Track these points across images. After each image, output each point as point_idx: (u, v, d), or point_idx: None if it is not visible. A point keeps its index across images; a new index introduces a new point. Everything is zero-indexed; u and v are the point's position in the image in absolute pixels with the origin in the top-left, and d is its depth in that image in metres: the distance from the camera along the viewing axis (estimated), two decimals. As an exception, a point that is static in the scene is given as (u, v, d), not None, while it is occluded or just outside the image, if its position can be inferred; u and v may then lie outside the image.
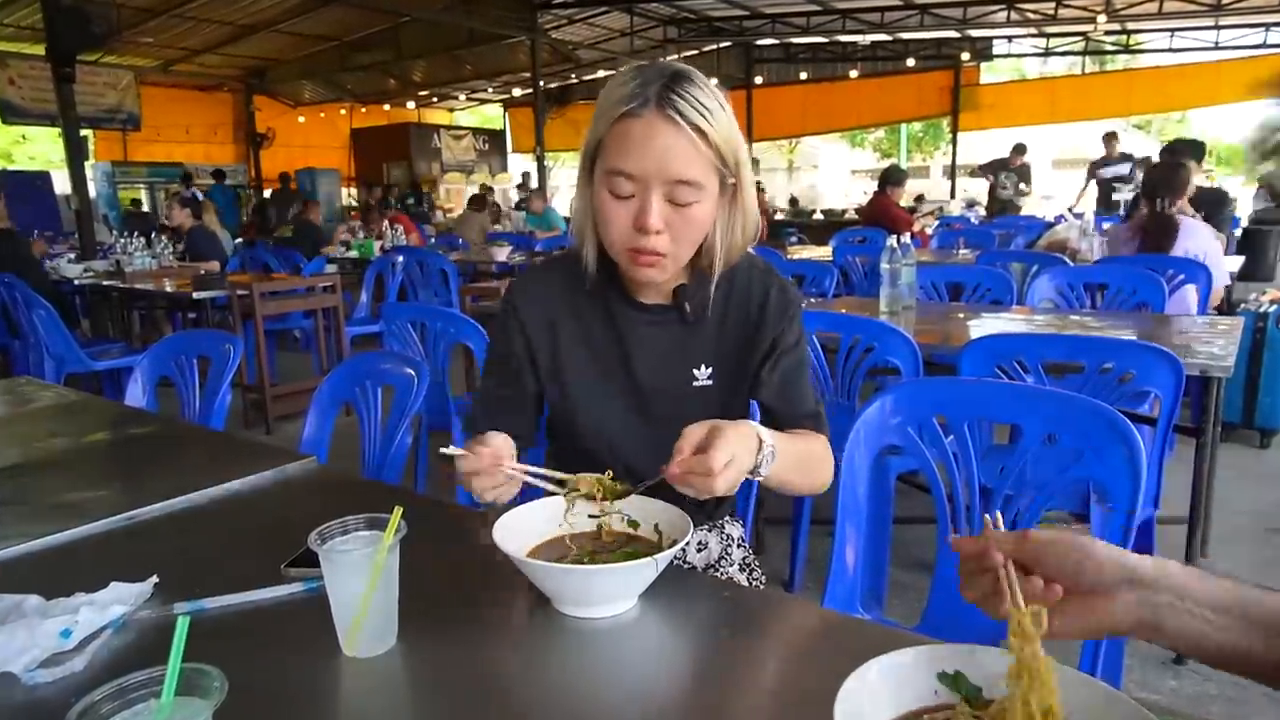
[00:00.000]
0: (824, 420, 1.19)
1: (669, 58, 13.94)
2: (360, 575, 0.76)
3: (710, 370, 1.14)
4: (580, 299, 1.15)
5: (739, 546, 1.25)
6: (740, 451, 0.87)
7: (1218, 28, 11.91)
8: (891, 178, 6.34)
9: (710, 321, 1.14)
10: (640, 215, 1.00)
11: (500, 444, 0.93)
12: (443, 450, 0.94)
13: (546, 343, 1.15)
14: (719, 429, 0.88)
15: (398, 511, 0.79)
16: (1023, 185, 8.53)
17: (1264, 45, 11.84)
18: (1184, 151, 4.19)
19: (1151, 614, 0.57)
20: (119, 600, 0.84)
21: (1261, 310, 3.48)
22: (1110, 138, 8.05)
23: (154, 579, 0.90)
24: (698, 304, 1.12)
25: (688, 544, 1.02)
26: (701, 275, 1.12)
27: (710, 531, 1.22)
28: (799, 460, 1.05)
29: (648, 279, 1.08)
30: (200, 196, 8.78)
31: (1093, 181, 7.98)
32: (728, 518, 1.26)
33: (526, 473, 0.94)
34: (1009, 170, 8.55)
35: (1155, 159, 5.01)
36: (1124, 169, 7.47)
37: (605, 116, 1.02)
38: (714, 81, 1.04)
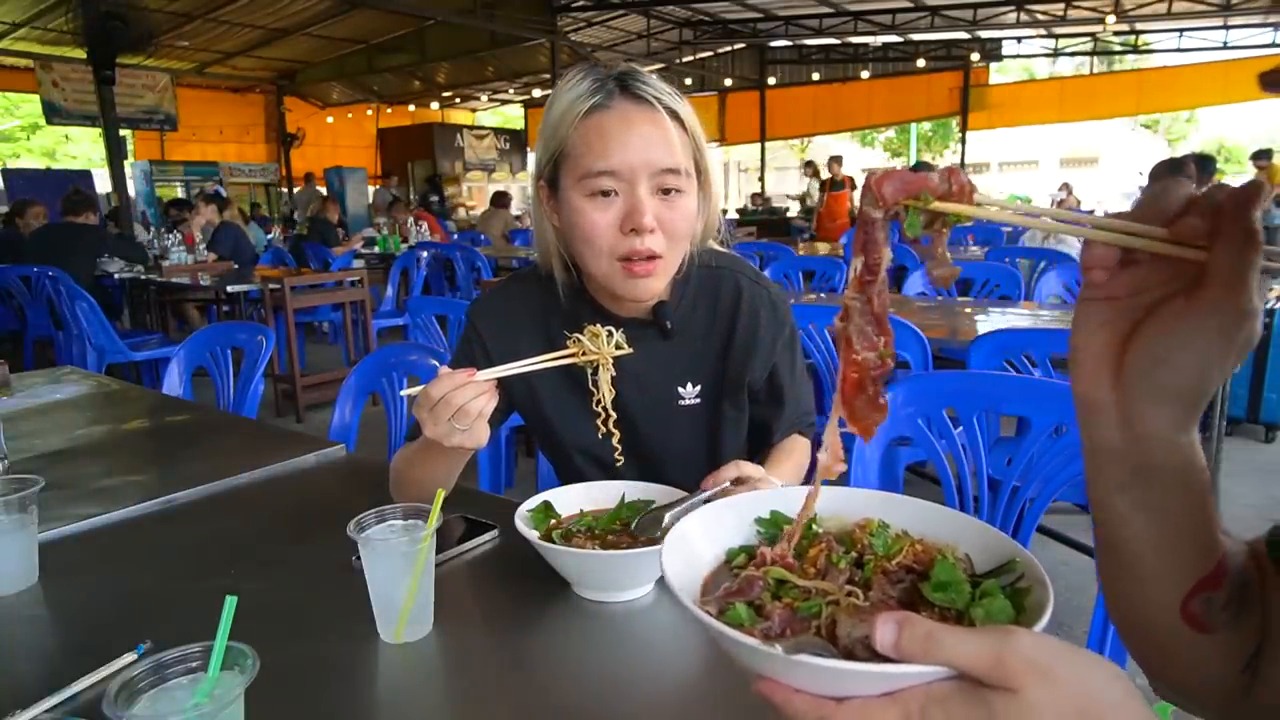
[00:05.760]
0: (813, 418, 1.15)
1: (683, 60, 13.96)
2: (404, 564, 0.76)
3: (699, 389, 1.08)
4: (551, 318, 1.07)
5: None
6: None
7: (1226, 27, 11.71)
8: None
9: (693, 335, 1.07)
10: (631, 214, 0.92)
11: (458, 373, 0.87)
12: (403, 392, 0.88)
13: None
14: (750, 481, 0.89)
15: (439, 498, 0.79)
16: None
17: (1272, 45, 11.62)
18: (1187, 162, 4.17)
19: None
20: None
21: (1268, 306, 3.43)
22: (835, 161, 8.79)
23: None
24: (676, 313, 1.06)
25: None
26: (675, 282, 1.05)
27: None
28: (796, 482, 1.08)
29: (644, 291, 0.98)
30: (225, 194, 8.95)
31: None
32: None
33: (499, 372, 0.88)
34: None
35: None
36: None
37: (565, 119, 0.93)
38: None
